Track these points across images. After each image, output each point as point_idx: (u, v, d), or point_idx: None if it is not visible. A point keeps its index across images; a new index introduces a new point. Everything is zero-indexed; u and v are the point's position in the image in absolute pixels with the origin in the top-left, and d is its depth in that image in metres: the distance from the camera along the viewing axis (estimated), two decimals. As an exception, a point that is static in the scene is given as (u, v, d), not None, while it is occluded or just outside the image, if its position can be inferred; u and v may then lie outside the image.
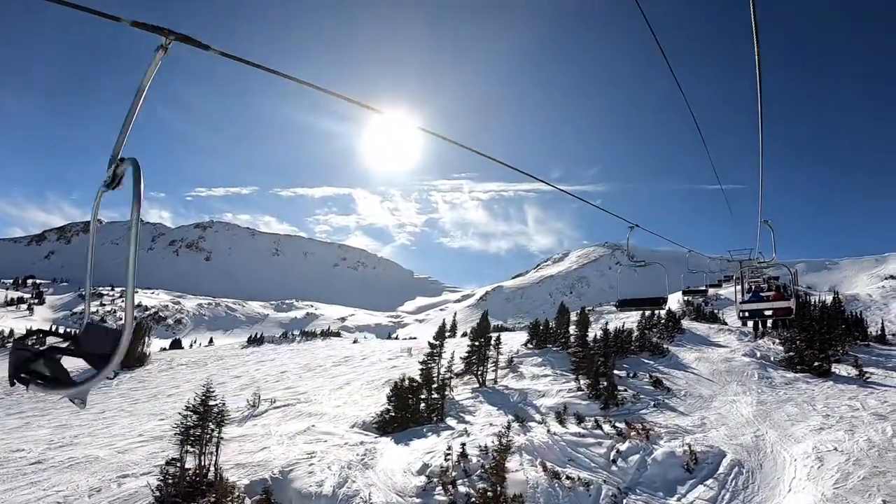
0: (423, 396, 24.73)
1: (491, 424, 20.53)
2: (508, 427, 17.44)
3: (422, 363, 29.98)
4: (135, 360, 62.43)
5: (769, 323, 25.51)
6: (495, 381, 29.92)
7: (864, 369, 29.67)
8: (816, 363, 30.04)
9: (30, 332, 2.27)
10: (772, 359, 32.58)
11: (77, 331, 2.05)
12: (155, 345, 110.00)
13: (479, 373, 30.19)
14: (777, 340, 37.48)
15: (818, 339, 31.41)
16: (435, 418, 23.95)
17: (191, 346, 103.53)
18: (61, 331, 2.39)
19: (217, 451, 19.27)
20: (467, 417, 23.67)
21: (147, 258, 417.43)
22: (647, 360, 32.12)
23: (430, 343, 31.06)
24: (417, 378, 25.68)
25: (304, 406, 31.18)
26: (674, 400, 23.96)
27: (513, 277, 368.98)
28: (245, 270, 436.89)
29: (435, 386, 25.00)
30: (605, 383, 23.41)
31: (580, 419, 19.95)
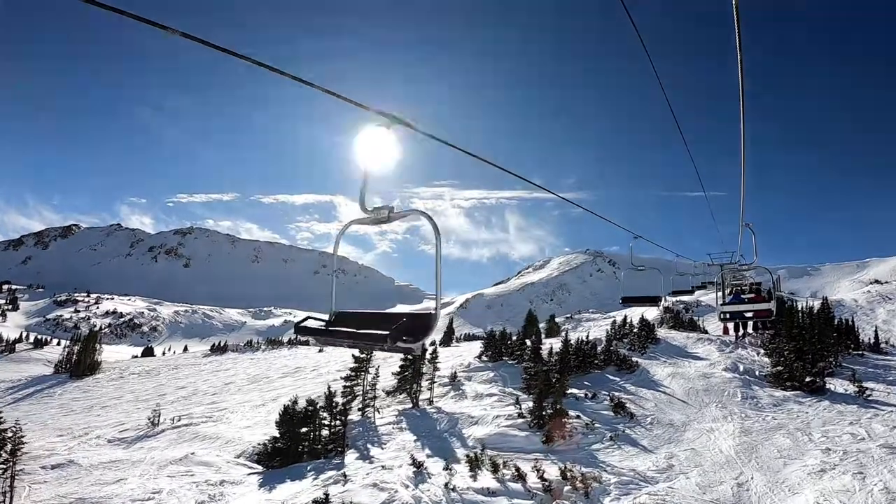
0: (326, 422, 19.99)
1: (383, 468, 15.60)
2: (326, 500, 12.37)
3: (345, 379, 25.52)
4: (85, 368, 59.00)
5: (749, 325, 22.83)
6: (430, 402, 25.08)
7: (863, 384, 25.29)
8: (809, 378, 25.54)
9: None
10: (757, 373, 28.00)
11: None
12: (127, 352, 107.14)
13: (412, 391, 25.31)
14: (762, 351, 33.00)
15: (809, 350, 26.97)
16: (335, 450, 19.23)
17: (163, 353, 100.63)
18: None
19: (12, 484, 16.38)
20: (373, 451, 18.90)
21: (125, 264, 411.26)
22: (612, 377, 27.38)
23: (354, 357, 26.21)
24: (319, 399, 20.92)
25: (206, 426, 27.35)
26: (637, 430, 19.06)
27: (494, 285, 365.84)
28: (224, 277, 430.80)
29: (336, 410, 20.10)
30: (552, 409, 18.56)
31: (495, 467, 14.78)
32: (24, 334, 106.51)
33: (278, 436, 19.15)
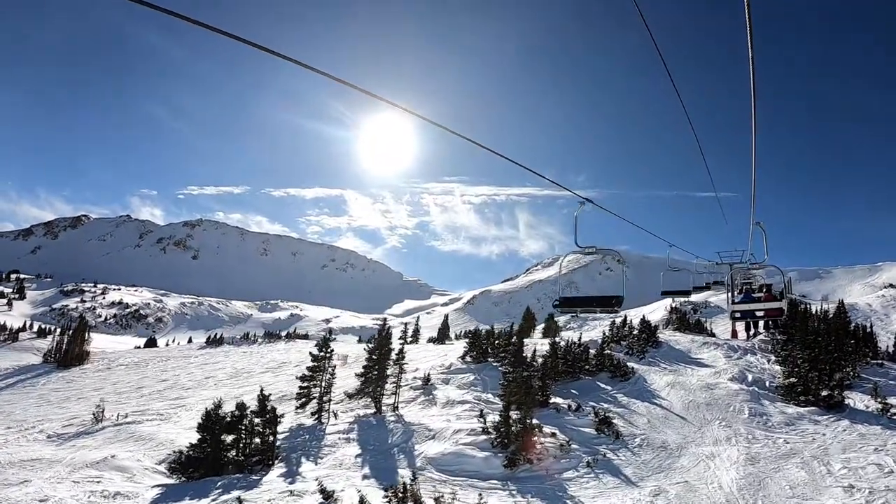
0: (259, 429, 17.40)
1: (291, 494, 12.78)
2: None
3: (301, 379, 23.13)
4: (72, 358, 58.68)
5: (760, 325, 21.39)
6: (395, 407, 22.31)
7: (887, 401, 22.18)
8: (825, 392, 22.40)
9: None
10: (767, 384, 24.85)
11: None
12: (131, 342, 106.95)
13: (376, 395, 22.58)
14: (773, 358, 29.82)
15: (826, 359, 23.80)
16: (262, 462, 16.66)
17: (166, 344, 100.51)
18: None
19: None
20: (305, 466, 16.28)
21: (133, 255, 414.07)
22: (604, 385, 24.42)
23: (311, 355, 23.63)
24: (252, 401, 18.32)
25: (149, 425, 25.45)
26: (622, 453, 16.03)
27: (502, 281, 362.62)
28: (232, 270, 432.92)
29: (267, 417, 17.48)
30: (521, 425, 15.62)
31: (420, 508, 11.74)
32: (28, 323, 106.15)
33: (196, 443, 16.57)
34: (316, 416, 21.72)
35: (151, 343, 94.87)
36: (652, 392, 23.36)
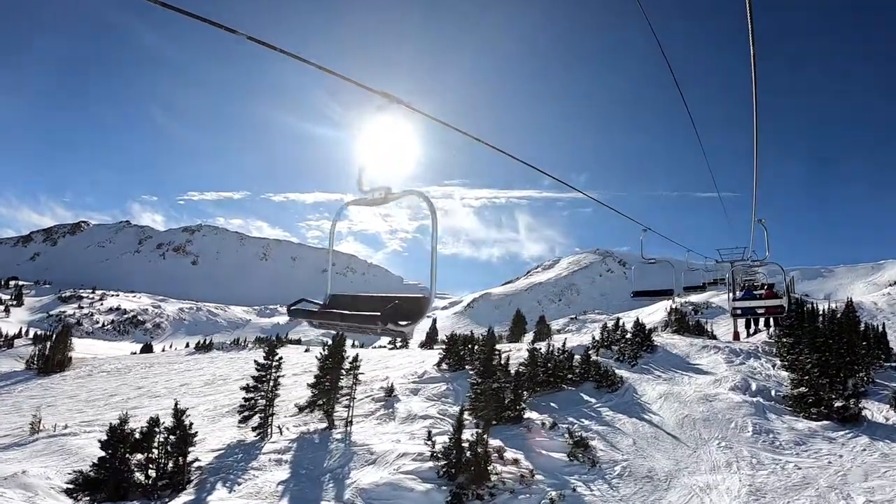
0: (170, 445, 14.83)
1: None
2: None
3: (245, 390, 20.66)
4: (53, 364, 56.31)
5: (760, 322, 19.70)
6: (349, 422, 19.58)
7: (907, 412, 19.48)
8: (840, 403, 19.64)
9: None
10: (773, 393, 22.06)
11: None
12: (128, 348, 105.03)
13: (327, 408, 19.89)
14: (778, 362, 26.99)
15: (838, 364, 21.04)
16: (171, 487, 14.09)
17: (163, 350, 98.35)
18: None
19: None
20: (218, 493, 13.71)
21: (133, 261, 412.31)
22: (588, 397, 21.63)
23: (256, 363, 21.02)
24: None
25: (82, 438, 23.02)
26: (597, 486, 13.18)
27: (503, 284, 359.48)
28: (232, 275, 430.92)
29: (179, 434, 14.86)
30: (475, 450, 12.82)
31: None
32: (25, 330, 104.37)
33: (98, 463, 14.04)
34: (258, 431, 19.11)
35: (147, 349, 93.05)
36: (641, 405, 20.54)
